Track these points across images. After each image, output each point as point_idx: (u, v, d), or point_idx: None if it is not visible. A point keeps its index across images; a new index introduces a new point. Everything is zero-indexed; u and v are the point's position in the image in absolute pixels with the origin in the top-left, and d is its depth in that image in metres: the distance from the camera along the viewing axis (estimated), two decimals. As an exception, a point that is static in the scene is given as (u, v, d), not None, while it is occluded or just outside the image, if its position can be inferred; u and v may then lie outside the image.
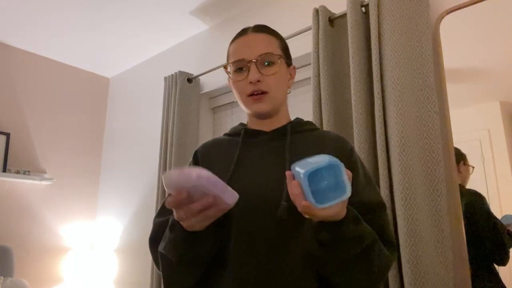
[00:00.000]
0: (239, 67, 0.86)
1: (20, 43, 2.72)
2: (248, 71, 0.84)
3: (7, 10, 2.29)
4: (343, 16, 1.57)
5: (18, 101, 2.73)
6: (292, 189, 0.63)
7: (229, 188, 0.63)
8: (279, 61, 0.86)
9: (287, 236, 0.76)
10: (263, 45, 0.86)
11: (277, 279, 0.73)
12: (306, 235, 0.75)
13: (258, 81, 0.83)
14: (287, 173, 0.65)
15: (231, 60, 0.88)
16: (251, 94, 0.85)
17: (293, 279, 0.74)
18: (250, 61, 0.84)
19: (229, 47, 0.93)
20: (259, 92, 0.84)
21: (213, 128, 2.49)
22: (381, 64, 1.39)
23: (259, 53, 0.85)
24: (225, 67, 0.91)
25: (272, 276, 0.73)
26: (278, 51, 0.88)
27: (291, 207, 0.73)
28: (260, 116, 0.89)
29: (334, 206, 0.60)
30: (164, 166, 2.23)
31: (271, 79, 0.85)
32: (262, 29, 0.90)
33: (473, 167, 1.25)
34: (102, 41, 2.67)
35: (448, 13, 1.37)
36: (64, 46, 2.75)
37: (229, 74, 0.90)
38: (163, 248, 0.76)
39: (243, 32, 0.91)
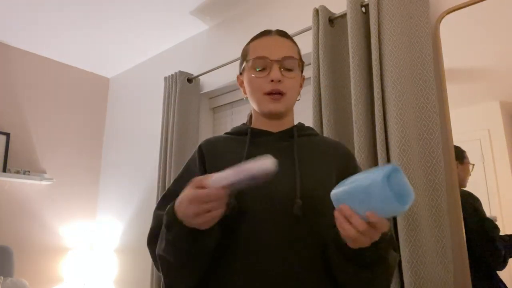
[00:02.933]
0: (260, 64, 0.87)
1: (20, 43, 2.72)
2: (270, 70, 0.85)
3: (7, 10, 2.29)
4: (343, 16, 1.57)
5: (18, 101, 2.73)
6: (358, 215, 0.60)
7: (257, 164, 0.62)
8: (298, 68, 0.89)
9: (299, 234, 0.76)
10: (287, 49, 0.89)
11: (290, 279, 0.74)
12: (319, 233, 0.76)
13: (279, 81, 0.84)
14: (343, 207, 0.61)
15: (253, 56, 0.88)
16: (269, 93, 0.85)
17: (307, 277, 0.74)
18: (274, 61, 0.85)
19: (248, 45, 0.93)
20: (278, 92, 0.85)
21: (213, 128, 2.49)
22: (381, 64, 1.39)
23: (283, 55, 0.86)
24: (246, 60, 0.90)
25: (285, 276, 0.74)
26: (298, 58, 0.91)
27: (305, 205, 0.75)
28: (272, 116, 0.89)
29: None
30: (164, 166, 2.23)
31: (290, 82, 0.87)
32: (286, 34, 0.93)
33: (473, 165, 1.25)
34: (102, 41, 2.67)
35: (448, 13, 1.37)
36: (64, 46, 2.75)
37: (244, 71, 0.91)
38: (162, 250, 0.73)
39: (267, 33, 0.92)
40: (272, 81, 0.84)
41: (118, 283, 2.63)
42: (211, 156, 0.88)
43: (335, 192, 0.63)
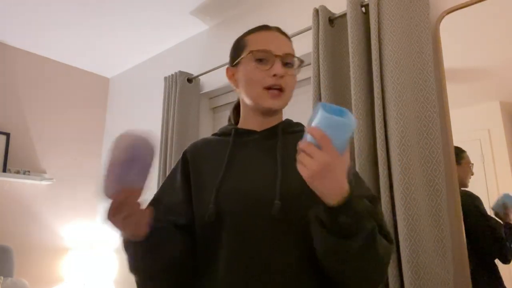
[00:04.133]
0: (262, 57, 0.84)
1: (20, 43, 2.72)
2: (272, 64, 0.83)
3: (7, 10, 2.29)
4: (343, 16, 1.57)
5: (18, 101, 2.73)
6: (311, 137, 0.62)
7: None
8: (297, 66, 0.88)
9: (281, 235, 0.75)
10: (289, 46, 0.88)
11: (271, 280, 0.72)
12: (300, 234, 0.74)
13: (281, 76, 0.83)
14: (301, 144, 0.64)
15: (254, 48, 0.85)
16: (269, 88, 0.83)
17: (289, 279, 0.73)
18: (277, 56, 0.83)
19: (246, 37, 0.91)
20: (278, 88, 0.84)
21: (213, 128, 2.49)
22: (381, 64, 1.39)
23: (286, 51, 0.85)
24: (250, 52, 0.86)
25: (266, 276, 0.73)
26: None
27: (285, 206, 0.74)
28: (267, 112, 0.88)
29: (347, 152, 0.64)
30: (164, 166, 2.23)
31: (290, 79, 0.86)
32: (284, 32, 0.92)
33: (472, 164, 1.25)
34: (102, 41, 2.67)
35: (448, 13, 1.37)
36: (64, 46, 2.75)
37: (240, 63, 0.88)
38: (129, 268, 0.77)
39: (266, 27, 0.91)
40: (274, 75, 0.82)
41: (118, 283, 2.63)
42: (194, 162, 0.88)
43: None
